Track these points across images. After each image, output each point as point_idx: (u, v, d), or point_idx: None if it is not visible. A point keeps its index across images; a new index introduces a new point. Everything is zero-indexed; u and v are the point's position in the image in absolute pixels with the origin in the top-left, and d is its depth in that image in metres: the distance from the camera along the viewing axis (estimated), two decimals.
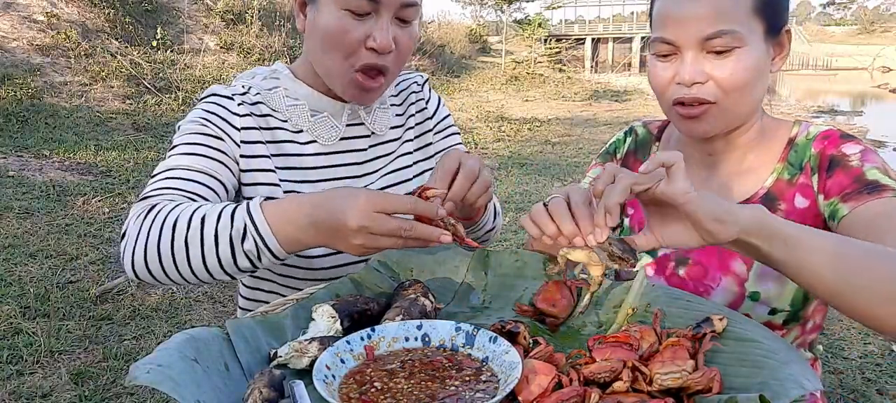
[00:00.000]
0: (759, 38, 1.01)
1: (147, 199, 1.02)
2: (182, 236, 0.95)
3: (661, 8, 1.05)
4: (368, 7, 1.06)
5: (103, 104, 8.37)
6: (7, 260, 4.03)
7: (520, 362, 0.75)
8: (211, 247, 0.94)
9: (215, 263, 0.95)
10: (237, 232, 0.93)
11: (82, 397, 2.73)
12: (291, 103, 1.20)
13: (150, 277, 0.98)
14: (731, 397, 0.70)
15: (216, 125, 1.12)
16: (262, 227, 0.93)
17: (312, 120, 1.21)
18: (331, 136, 1.21)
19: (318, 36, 1.10)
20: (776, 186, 1.09)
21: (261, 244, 0.93)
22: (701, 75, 1.01)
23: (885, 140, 11.47)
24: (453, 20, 27.16)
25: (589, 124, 11.78)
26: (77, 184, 5.65)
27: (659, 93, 1.10)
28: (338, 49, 1.09)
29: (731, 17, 0.98)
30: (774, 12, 1.02)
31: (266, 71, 1.25)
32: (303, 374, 0.80)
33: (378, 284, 1.04)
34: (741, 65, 0.99)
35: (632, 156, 1.29)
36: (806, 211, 1.06)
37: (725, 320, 0.84)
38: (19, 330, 3.20)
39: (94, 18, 9.93)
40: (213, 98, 1.16)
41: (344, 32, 1.07)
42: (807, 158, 1.08)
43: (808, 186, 1.06)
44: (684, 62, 1.02)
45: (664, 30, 1.04)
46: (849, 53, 40.27)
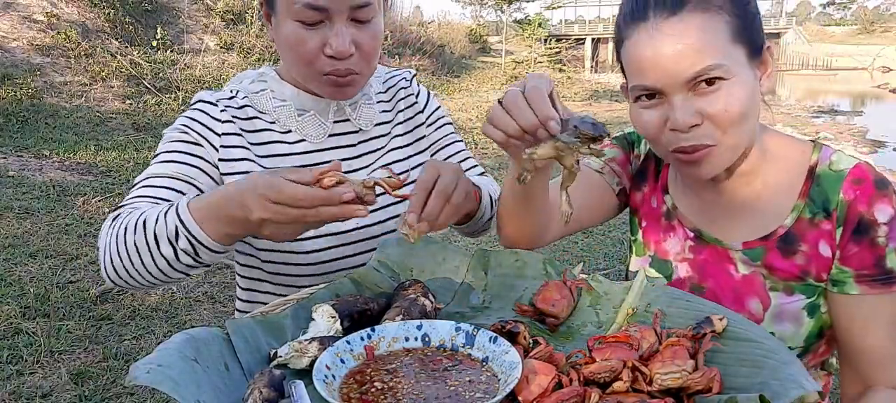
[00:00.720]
0: (743, 65, 0.95)
1: (115, 211, 1.07)
2: (131, 241, 0.99)
3: (633, 54, 0.97)
4: (318, 16, 1.07)
5: (103, 104, 8.37)
6: (7, 260, 4.03)
7: (520, 362, 0.75)
8: (155, 249, 0.98)
9: (164, 263, 0.98)
10: (171, 233, 0.96)
11: (82, 397, 2.73)
12: (278, 104, 1.23)
13: (123, 283, 1.03)
14: (731, 397, 0.70)
15: (196, 131, 1.16)
16: (190, 225, 0.95)
17: (299, 119, 1.23)
18: (318, 134, 1.24)
19: (281, 47, 1.14)
20: (798, 226, 1.00)
21: (194, 241, 0.95)
22: (695, 116, 0.94)
23: (885, 140, 11.48)
24: (453, 20, 27.18)
25: None
26: (77, 184, 5.65)
27: (652, 140, 1.02)
28: (299, 59, 1.11)
29: (711, 51, 0.92)
30: (752, 34, 0.96)
31: (254, 74, 1.27)
32: (303, 374, 0.80)
33: (378, 284, 1.04)
34: (733, 97, 0.92)
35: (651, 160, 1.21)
36: (826, 261, 0.99)
37: (725, 320, 0.84)
38: (19, 330, 3.20)
39: (94, 18, 9.93)
40: (197, 104, 1.20)
41: (300, 43, 1.09)
42: (835, 204, 0.98)
43: (831, 236, 0.98)
44: (674, 107, 0.94)
45: (643, 77, 0.96)
46: (849, 53, 40.24)
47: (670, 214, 1.13)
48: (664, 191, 1.16)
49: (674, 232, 1.12)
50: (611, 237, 5.07)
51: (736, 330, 0.83)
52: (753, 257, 1.02)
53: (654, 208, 1.17)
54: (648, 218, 1.17)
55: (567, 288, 0.99)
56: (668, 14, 0.94)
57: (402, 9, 17.91)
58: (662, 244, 1.13)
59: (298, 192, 0.86)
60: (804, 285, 0.99)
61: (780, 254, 1.00)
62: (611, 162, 1.21)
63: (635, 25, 0.96)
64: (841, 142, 11.40)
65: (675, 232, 1.12)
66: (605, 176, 1.20)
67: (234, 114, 1.20)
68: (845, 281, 0.97)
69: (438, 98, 1.45)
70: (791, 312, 1.00)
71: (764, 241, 1.02)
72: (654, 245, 1.15)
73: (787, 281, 1.00)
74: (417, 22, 19.50)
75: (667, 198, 1.15)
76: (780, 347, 0.79)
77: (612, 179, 1.20)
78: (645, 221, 1.18)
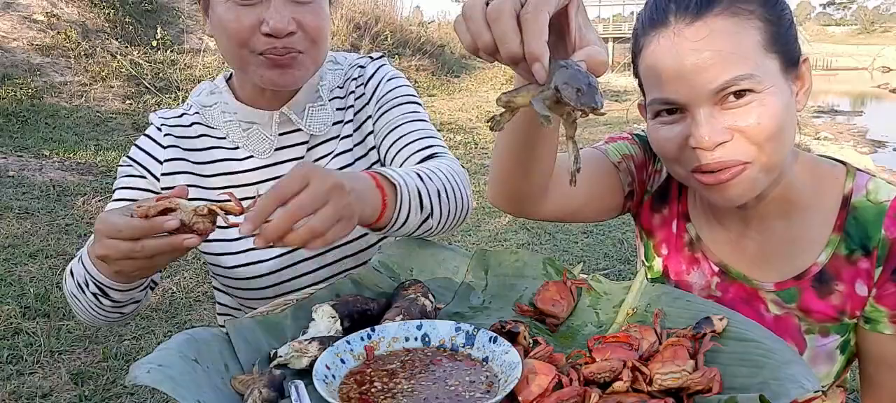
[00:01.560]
0: (778, 76, 0.84)
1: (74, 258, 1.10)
2: (68, 290, 1.06)
3: (652, 63, 0.87)
4: None
5: (103, 104, 8.36)
6: (7, 260, 4.03)
7: (520, 362, 0.74)
8: (81, 295, 1.03)
9: (95, 306, 1.03)
10: (81, 279, 1.01)
11: (82, 397, 2.73)
12: (228, 119, 1.19)
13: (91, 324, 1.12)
14: (731, 397, 0.70)
15: (139, 163, 1.18)
16: (90, 268, 0.97)
17: (245, 133, 1.18)
18: (264, 149, 1.18)
19: (218, 33, 1.09)
20: (833, 263, 0.92)
21: (97, 282, 0.98)
22: (723, 133, 0.83)
23: (885, 140, 11.47)
24: (453, 20, 27.09)
25: (589, 124, 11.76)
26: (77, 184, 5.65)
27: (671, 162, 0.91)
28: (235, 40, 1.05)
29: (741, 60, 0.82)
30: (787, 43, 0.86)
31: (210, 85, 1.23)
32: (303, 374, 0.80)
33: (378, 284, 1.04)
34: (767, 110, 0.82)
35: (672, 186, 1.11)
36: (862, 300, 0.92)
37: (725, 320, 0.84)
38: (19, 330, 3.20)
39: (94, 18, 9.93)
40: (147, 130, 1.22)
41: (234, 21, 1.04)
42: (875, 242, 0.89)
43: (870, 274, 0.90)
44: (698, 122, 0.83)
45: (663, 89, 0.86)
46: (849, 53, 40.24)
47: (693, 245, 1.03)
48: (686, 219, 1.05)
49: (697, 266, 1.03)
50: (611, 237, 5.07)
51: (736, 330, 0.83)
52: (787, 298, 0.94)
53: (674, 235, 1.06)
54: (670, 247, 1.07)
55: (567, 288, 0.99)
56: (691, 18, 0.84)
57: (402, 9, 17.88)
58: (685, 277, 1.04)
59: (119, 224, 0.82)
60: (839, 325, 0.93)
61: (816, 294, 0.92)
62: (628, 159, 1.09)
63: (655, 32, 0.87)
64: (841, 143, 11.40)
65: (700, 266, 1.02)
66: (621, 172, 1.08)
67: (181, 134, 1.19)
68: (880, 321, 0.91)
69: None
70: (826, 353, 0.95)
71: (797, 281, 0.93)
72: (675, 276, 1.05)
73: (823, 324, 0.93)
74: (417, 22, 19.48)
75: (689, 227, 1.04)
76: (780, 347, 0.79)
77: (625, 178, 1.09)
78: (665, 248, 1.07)
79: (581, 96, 0.60)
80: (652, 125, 0.91)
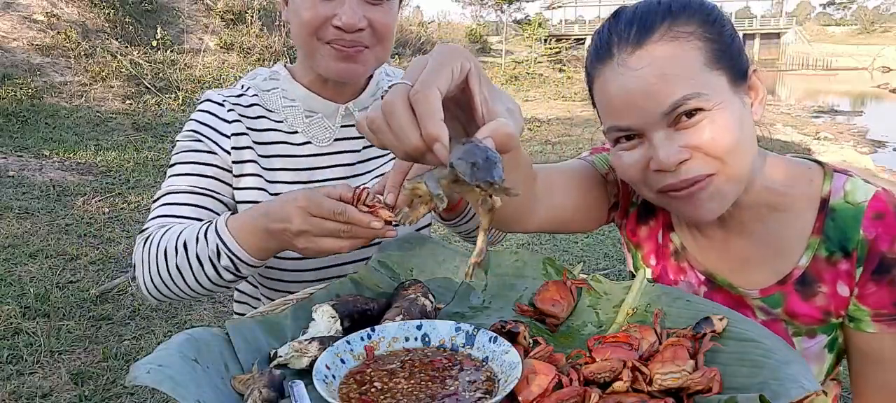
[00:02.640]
0: (726, 91, 0.86)
1: (145, 231, 1.10)
2: (173, 263, 1.03)
3: (603, 94, 0.90)
4: None
5: (103, 104, 8.37)
6: (7, 260, 4.03)
7: (520, 362, 0.74)
8: (198, 270, 1.02)
9: (206, 281, 1.03)
10: (213, 253, 1.00)
11: (82, 397, 2.73)
12: (288, 104, 1.23)
13: (166, 299, 1.08)
14: (731, 397, 0.70)
15: (208, 138, 1.17)
16: (230, 243, 0.99)
17: (307, 121, 1.23)
18: (325, 137, 1.23)
19: (293, 19, 1.15)
20: (814, 266, 0.93)
21: (234, 258, 1.00)
22: (682, 152, 0.85)
23: (885, 140, 11.48)
24: (453, 20, 27.18)
25: (589, 124, 11.77)
26: (77, 183, 5.65)
27: (637, 184, 0.94)
28: (307, 28, 1.12)
29: (684, 80, 0.83)
30: (732, 57, 0.88)
31: (267, 72, 1.27)
32: (303, 374, 0.80)
33: (378, 284, 1.04)
34: (719, 126, 0.84)
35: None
36: (844, 300, 0.93)
37: (725, 320, 0.84)
38: (19, 330, 3.20)
39: (94, 18, 9.94)
40: (205, 105, 1.20)
41: (309, 9, 1.11)
42: (854, 244, 0.91)
43: (851, 275, 0.92)
44: (655, 146, 0.86)
45: (616, 117, 0.89)
46: (849, 53, 40.26)
47: (679, 255, 1.05)
48: (670, 229, 1.07)
49: (684, 275, 1.04)
50: (611, 237, 5.07)
51: (736, 330, 0.83)
52: (772, 304, 0.96)
53: (660, 245, 1.08)
54: (658, 257, 1.08)
55: (567, 288, 0.99)
56: (632, 48, 0.86)
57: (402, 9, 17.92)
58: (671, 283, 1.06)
59: (337, 207, 0.89)
60: (826, 326, 0.95)
61: (800, 297, 0.94)
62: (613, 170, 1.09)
63: (601, 65, 0.90)
64: (841, 143, 11.38)
65: (686, 275, 1.04)
66: (608, 184, 1.09)
67: (242, 112, 1.20)
68: (862, 319, 0.92)
69: None
70: (814, 353, 0.96)
71: (781, 286, 0.95)
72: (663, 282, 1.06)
73: (809, 326, 0.95)
74: (417, 22, 19.48)
75: (673, 237, 1.06)
76: (780, 347, 0.79)
77: (612, 190, 1.10)
78: (654, 259, 1.08)
79: (476, 171, 0.56)
80: (614, 152, 0.94)
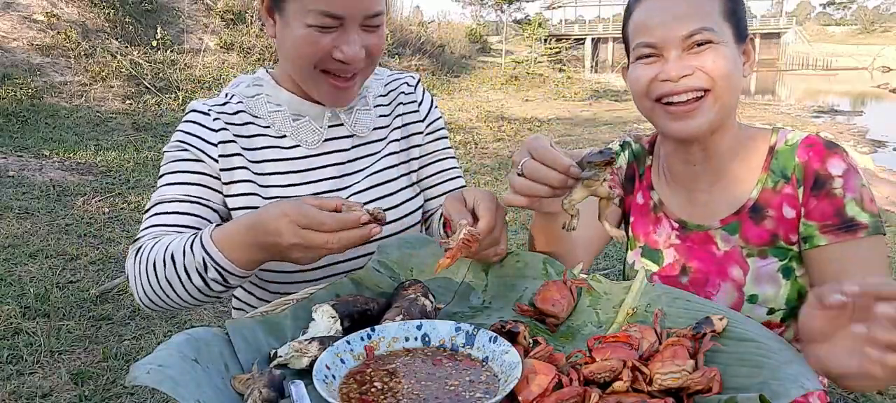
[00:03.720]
0: (731, 40, 1.08)
1: (137, 241, 1.10)
2: (162, 275, 1.03)
3: (639, 17, 1.11)
4: (334, 23, 1.09)
5: (103, 104, 8.37)
6: (7, 260, 4.03)
7: (520, 362, 0.75)
8: (187, 281, 1.02)
9: (196, 292, 1.03)
10: (200, 265, 1.00)
11: (82, 397, 2.73)
12: (274, 109, 1.23)
13: (160, 309, 1.08)
14: (731, 397, 0.70)
15: (194, 147, 1.17)
16: (216, 256, 0.99)
17: (294, 124, 1.23)
18: (313, 140, 1.23)
19: (287, 47, 1.14)
20: (762, 196, 1.12)
21: (222, 270, 0.99)
22: (687, 69, 1.05)
23: (885, 140, 11.47)
24: (453, 20, 27.17)
25: (589, 124, 11.78)
26: (77, 183, 5.65)
27: (641, 94, 1.12)
28: (306, 60, 1.12)
29: (706, 17, 1.06)
30: (739, 20, 1.10)
31: (250, 78, 1.27)
32: (303, 374, 0.80)
33: (378, 284, 1.04)
34: (721, 56, 1.05)
35: (633, 166, 1.31)
36: (791, 221, 1.10)
37: (725, 320, 0.84)
38: (19, 330, 3.20)
39: (94, 18, 9.94)
40: (190, 116, 1.21)
41: (311, 45, 1.10)
42: (791, 168, 1.10)
43: (794, 197, 1.09)
44: (668, 61, 1.07)
45: (646, 34, 1.09)
46: (849, 53, 40.27)
47: (656, 208, 1.25)
48: (650, 188, 1.27)
49: (660, 224, 1.24)
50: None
51: (736, 330, 0.83)
52: (730, 231, 1.14)
53: (641, 204, 1.28)
54: (636, 214, 1.29)
55: (567, 288, 0.99)
56: None
57: (402, 9, 17.88)
58: (652, 235, 1.25)
59: (324, 218, 0.90)
60: (775, 248, 1.11)
61: (753, 223, 1.12)
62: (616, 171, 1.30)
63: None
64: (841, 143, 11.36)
65: (662, 224, 1.24)
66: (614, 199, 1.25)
67: (228, 120, 1.20)
68: (813, 235, 1.07)
69: (437, 100, 1.44)
70: (768, 274, 1.11)
71: (737, 216, 1.13)
72: (643, 237, 1.26)
73: (760, 247, 1.12)
74: (417, 22, 19.48)
75: (653, 194, 1.26)
76: (780, 347, 0.79)
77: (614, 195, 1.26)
78: (633, 217, 1.29)
79: (603, 153, 0.88)
80: (632, 66, 1.13)
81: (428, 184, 1.37)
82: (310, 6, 1.07)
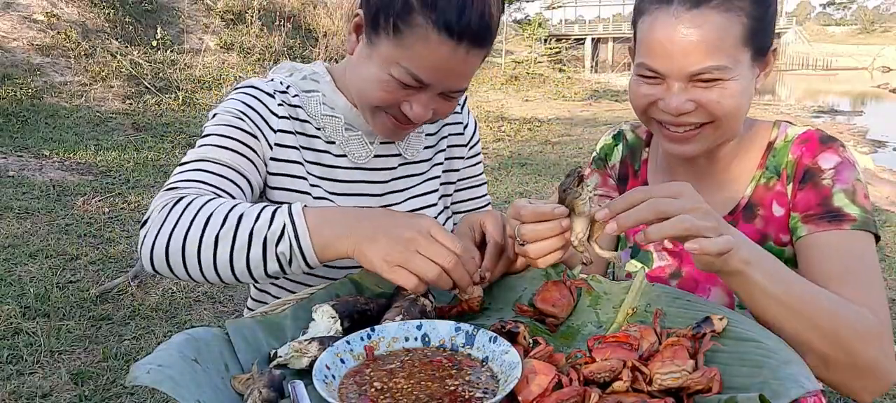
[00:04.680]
0: (746, 66, 1.00)
1: (174, 189, 0.99)
2: (214, 232, 0.91)
3: (648, 33, 1.01)
4: (416, 85, 1.02)
5: (103, 104, 8.37)
6: (7, 260, 4.03)
7: (520, 362, 0.75)
8: (243, 247, 0.91)
9: (243, 263, 0.92)
10: (273, 234, 0.90)
11: (82, 397, 2.73)
12: (328, 112, 1.17)
13: (167, 268, 0.95)
14: (731, 397, 0.70)
15: (253, 121, 1.10)
16: (300, 229, 0.90)
17: (346, 135, 1.18)
18: (361, 155, 1.20)
19: (361, 75, 1.07)
20: (755, 194, 1.09)
21: (295, 246, 0.90)
22: (688, 105, 1.00)
23: (885, 140, 11.47)
24: None
25: (589, 124, 11.77)
26: (77, 184, 5.65)
27: (638, 109, 1.08)
28: (372, 100, 1.07)
29: (719, 52, 0.96)
30: (762, 37, 1.00)
31: (306, 70, 1.21)
32: (303, 374, 0.80)
33: (378, 284, 1.04)
34: (727, 93, 0.98)
35: (627, 162, 1.29)
36: (781, 219, 1.06)
37: (725, 320, 0.84)
38: (19, 330, 3.20)
39: (94, 18, 9.93)
40: (252, 91, 1.13)
41: (384, 92, 1.04)
42: (784, 164, 1.07)
43: (784, 194, 1.06)
44: (671, 91, 1.00)
45: (651, 58, 1.01)
46: (849, 53, 40.26)
47: None
48: (645, 185, 1.23)
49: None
50: None
51: (736, 330, 0.83)
52: None
53: None
54: None
55: (567, 288, 0.99)
56: (690, 5, 0.96)
57: None
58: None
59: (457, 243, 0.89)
60: (765, 248, 1.01)
61: (744, 221, 1.09)
62: (596, 189, 1.27)
63: (657, 5, 1.00)
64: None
65: None
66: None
67: (290, 111, 1.15)
68: (798, 227, 1.03)
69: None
70: None
71: (731, 216, 1.10)
72: (633, 237, 1.21)
73: None
74: None
75: None
76: (780, 347, 0.79)
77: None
78: None
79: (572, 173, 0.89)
80: (634, 79, 1.08)
81: (460, 208, 1.38)
82: (402, 61, 1.00)
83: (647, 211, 0.80)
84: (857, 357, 0.88)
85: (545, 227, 0.89)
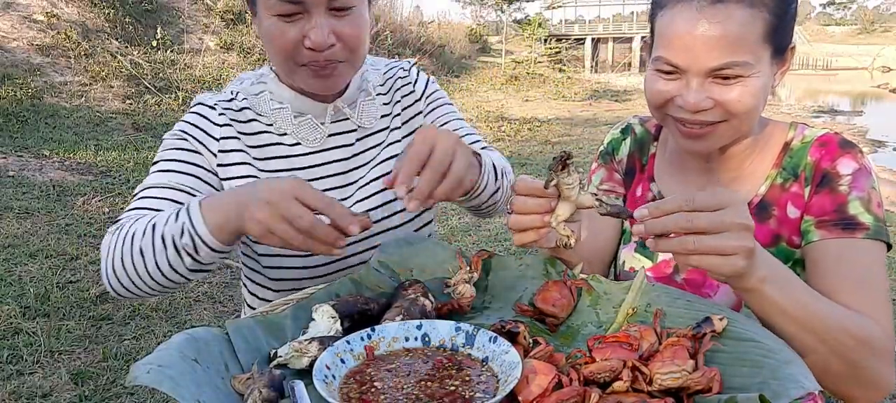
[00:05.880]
0: (766, 63, 0.98)
1: (118, 222, 1.08)
2: (137, 245, 0.99)
3: (668, 26, 0.99)
4: (296, 9, 1.06)
5: (103, 104, 8.37)
6: (7, 260, 4.03)
7: (520, 362, 0.75)
8: (161, 250, 0.98)
9: (166, 265, 0.98)
10: (177, 231, 0.96)
11: (82, 397, 2.73)
12: (276, 107, 1.22)
13: (124, 290, 1.03)
14: (731, 397, 0.70)
15: (194, 138, 1.16)
16: (195, 219, 0.95)
17: (296, 122, 1.22)
18: (315, 138, 1.23)
19: (265, 42, 1.13)
20: (770, 193, 1.08)
21: (194, 234, 0.95)
22: (706, 102, 0.98)
23: (885, 140, 11.47)
24: (453, 20, 27.16)
25: (589, 124, 11.77)
26: (77, 184, 5.65)
27: (654, 105, 1.06)
28: (281, 53, 1.11)
29: (740, 48, 0.94)
30: (783, 35, 0.99)
31: (254, 75, 1.27)
32: (303, 374, 0.80)
33: (378, 284, 1.04)
34: (748, 90, 0.96)
35: (634, 156, 1.27)
36: (795, 221, 1.05)
37: (725, 320, 0.84)
38: (19, 330, 3.20)
39: (94, 18, 9.93)
40: (196, 108, 1.20)
41: (280, 36, 1.08)
42: (802, 166, 1.05)
43: (800, 196, 1.05)
44: (689, 87, 0.98)
45: (671, 52, 0.98)
46: (849, 53, 40.28)
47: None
48: (650, 180, 1.22)
49: None
50: None
51: (736, 330, 0.83)
52: None
53: (639, 197, 1.23)
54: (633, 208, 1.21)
55: (567, 288, 0.99)
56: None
57: (402, 9, 17.88)
58: None
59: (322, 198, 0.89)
60: (777, 249, 1.05)
61: (757, 221, 1.04)
62: (602, 185, 1.28)
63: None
64: None
65: None
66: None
67: (233, 117, 1.20)
68: (809, 231, 1.01)
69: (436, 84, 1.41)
70: None
71: None
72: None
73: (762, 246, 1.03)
74: (417, 22, 19.48)
75: (653, 186, 1.21)
76: (780, 347, 0.79)
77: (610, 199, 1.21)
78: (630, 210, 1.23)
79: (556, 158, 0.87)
80: (651, 74, 1.04)
81: None
82: None
83: (684, 222, 0.78)
84: (860, 371, 0.89)
85: (533, 203, 0.90)
